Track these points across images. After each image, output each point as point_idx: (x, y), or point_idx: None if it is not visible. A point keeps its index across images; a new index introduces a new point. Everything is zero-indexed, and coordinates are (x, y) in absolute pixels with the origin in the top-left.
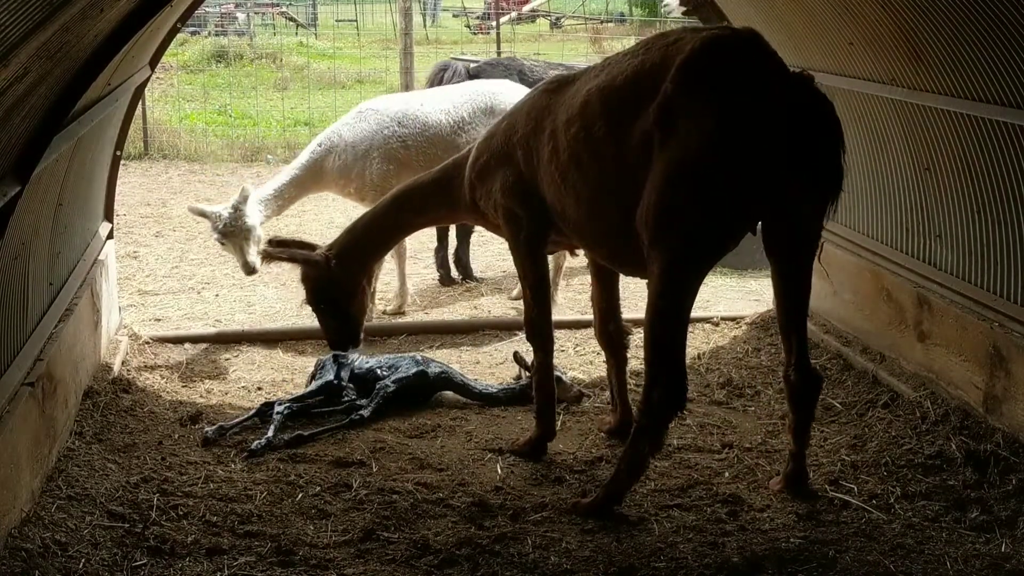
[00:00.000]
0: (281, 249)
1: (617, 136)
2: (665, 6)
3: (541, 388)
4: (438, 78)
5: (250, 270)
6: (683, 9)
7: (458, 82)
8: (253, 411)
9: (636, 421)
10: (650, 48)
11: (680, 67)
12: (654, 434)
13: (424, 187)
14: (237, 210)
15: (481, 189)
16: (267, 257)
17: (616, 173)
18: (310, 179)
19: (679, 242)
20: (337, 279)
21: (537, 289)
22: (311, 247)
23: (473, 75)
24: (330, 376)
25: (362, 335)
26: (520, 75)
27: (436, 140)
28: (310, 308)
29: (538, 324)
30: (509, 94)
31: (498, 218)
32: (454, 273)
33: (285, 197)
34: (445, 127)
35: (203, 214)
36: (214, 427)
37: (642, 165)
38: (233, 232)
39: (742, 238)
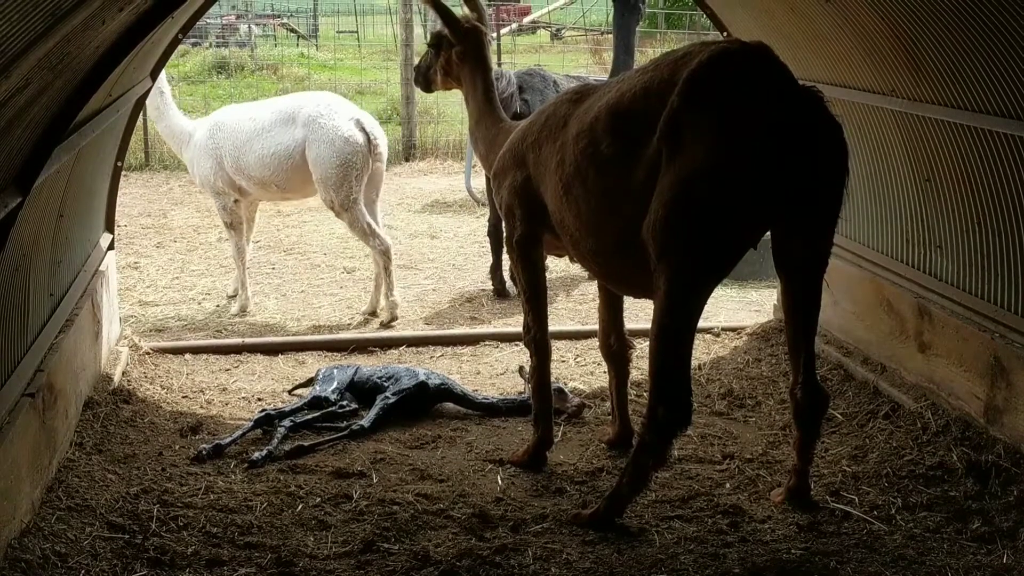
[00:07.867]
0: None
1: (624, 154)
2: None
3: (537, 393)
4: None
5: None
6: None
7: (510, 90)
8: (249, 425)
9: (640, 436)
10: (659, 65)
11: (687, 80)
12: (658, 450)
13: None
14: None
15: (494, 183)
16: None
17: (620, 191)
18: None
19: (686, 256)
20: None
21: (531, 292)
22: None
23: (519, 85)
24: (317, 390)
25: None
26: (555, 84)
27: (240, 146)
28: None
29: (533, 328)
30: (309, 108)
31: (501, 213)
32: (509, 287)
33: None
34: (246, 132)
35: None
36: (210, 445)
37: (648, 183)
38: None
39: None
